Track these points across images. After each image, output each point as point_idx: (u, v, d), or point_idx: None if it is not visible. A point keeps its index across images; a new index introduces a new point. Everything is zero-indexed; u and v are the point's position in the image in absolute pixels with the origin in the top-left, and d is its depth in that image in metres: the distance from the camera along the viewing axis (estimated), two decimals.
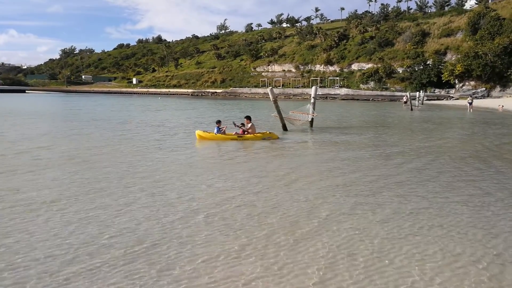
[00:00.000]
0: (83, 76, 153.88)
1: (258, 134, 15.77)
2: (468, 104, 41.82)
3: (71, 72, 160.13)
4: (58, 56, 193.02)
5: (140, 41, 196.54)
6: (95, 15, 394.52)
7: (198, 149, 14.29)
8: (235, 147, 14.28)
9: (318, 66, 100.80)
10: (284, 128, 19.42)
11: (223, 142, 15.23)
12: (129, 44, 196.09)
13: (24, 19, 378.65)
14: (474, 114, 36.23)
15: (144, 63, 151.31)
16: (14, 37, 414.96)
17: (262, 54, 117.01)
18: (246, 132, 15.74)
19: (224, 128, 16.07)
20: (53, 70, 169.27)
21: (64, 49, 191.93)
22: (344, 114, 35.73)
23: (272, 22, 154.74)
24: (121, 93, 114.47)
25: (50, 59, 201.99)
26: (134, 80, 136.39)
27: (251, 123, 16.03)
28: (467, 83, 72.31)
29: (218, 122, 16.26)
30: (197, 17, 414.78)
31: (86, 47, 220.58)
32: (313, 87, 22.92)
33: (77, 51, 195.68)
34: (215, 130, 15.85)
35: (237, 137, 15.60)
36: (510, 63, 66.52)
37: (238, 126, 16.04)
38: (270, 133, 16.16)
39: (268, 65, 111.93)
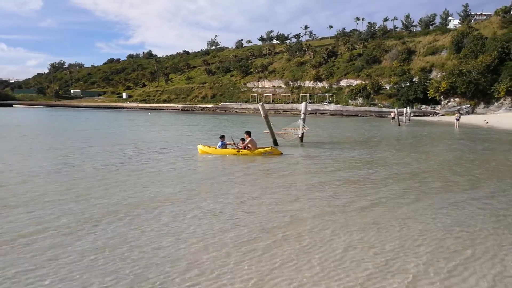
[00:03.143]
0: (72, 91, 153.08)
1: (259, 149, 15.98)
2: (456, 120, 42.68)
3: (59, 86, 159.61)
4: (47, 71, 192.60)
5: (130, 56, 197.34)
6: (86, 30, 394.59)
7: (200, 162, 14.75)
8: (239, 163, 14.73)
9: (307, 82, 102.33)
10: (275, 143, 19.92)
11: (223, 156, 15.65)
12: (119, 59, 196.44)
13: (15, 33, 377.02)
14: (463, 130, 37.04)
15: (134, 78, 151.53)
16: (4, 51, 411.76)
17: (252, 70, 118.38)
18: (246, 147, 15.98)
19: (227, 144, 16.42)
20: (42, 84, 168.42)
21: (53, 63, 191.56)
22: (334, 130, 36.47)
23: (262, 39, 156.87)
24: (110, 107, 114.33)
25: (38, 73, 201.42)
26: (124, 95, 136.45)
27: (250, 138, 16.27)
28: (452, 100, 74.15)
29: (222, 137, 16.70)
30: (189, 32, 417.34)
31: (76, 61, 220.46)
32: (303, 103, 23.41)
33: (66, 66, 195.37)
34: (218, 144, 16.28)
35: (236, 151, 15.85)
36: (493, 80, 68.57)
37: (235, 144, 16.36)
38: (272, 148, 16.42)
39: (258, 81, 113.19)
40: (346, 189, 9.79)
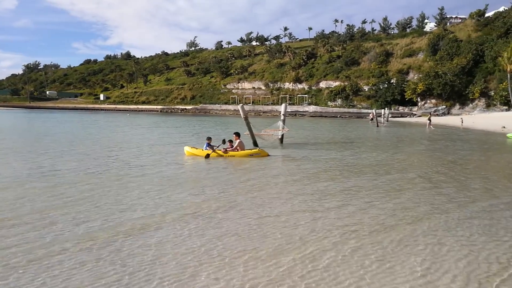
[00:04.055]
0: (47, 92, 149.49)
1: (246, 151, 15.70)
2: (428, 121, 43.28)
3: (34, 87, 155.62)
4: (21, 71, 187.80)
5: (108, 57, 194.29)
6: (62, 30, 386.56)
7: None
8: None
9: (287, 83, 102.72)
10: (255, 144, 19.67)
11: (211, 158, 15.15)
12: (96, 60, 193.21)
13: None
14: (442, 130, 37.53)
15: (112, 79, 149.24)
16: None
17: (232, 71, 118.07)
18: (236, 149, 15.66)
19: (213, 146, 15.89)
20: (16, 86, 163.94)
21: (28, 64, 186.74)
22: (316, 131, 36.48)
23: (242, 40, 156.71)
24: (87, 109, 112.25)
25: (12, 74, 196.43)
26: (102, 96, 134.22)
27: (239, 140, 15.99)
28: (428, 101, 75.58)
29: (209, 138, 16.29)
30: (169, 33, 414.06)
31: (51, 62, 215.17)
32: (283, 105, 23.27)
33: (41, 66, 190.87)
34: (204, 146, 15.87)
35: (223, 153, 15.48)
36: (468, 82, 70.22)
37: (224, 149, 15.83)
38: (259, 150, 16.16)
39: (238, 82, 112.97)
40: (353, 197, 8.81)
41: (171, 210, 7.52)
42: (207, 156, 15.05)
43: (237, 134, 16.28)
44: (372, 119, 54.00)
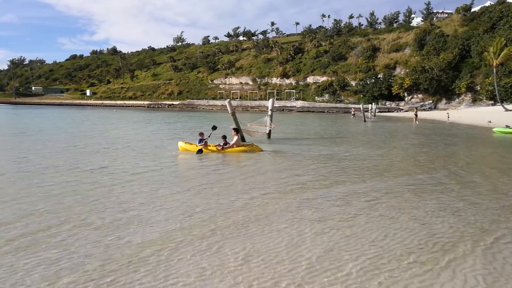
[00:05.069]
0: (33, 88, 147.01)
1: (240, 147, 15.57)
2: (414, 116, 43.49)
3: (20, 83, 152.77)
4: (6, 67, 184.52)
5: (94, 52, 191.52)
6: (48, 25, 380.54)
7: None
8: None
9: (274, 79, 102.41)
10: (242, 139, 19.40)
11: (204, 153, 14.89)
12: (82, 55, 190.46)
13: None
14: (431, 125, 37.63)
15: (99, 75, 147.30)
16: None
17: (219, 66, 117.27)
18: (234, 145, 15.47)
19: (206, 140, 15.64)
20: (1, 81, 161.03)
21: (13, 59, 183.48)
22: (305, 126, 36.20)
23: (229, 35, 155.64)
24: (73, 105, 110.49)
25: None
26: (88, 92, 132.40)
27: (237, 137, 15.75)
28: (415, 96, 75.90)
29: (201, 134, 16.05)
30: (156, 29, 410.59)
31: (37, 57, 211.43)
32: (270, 100, 23.07)
33: (27, 62, 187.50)
34: (197, 142, 15.62)
35: (217, 149, 15.30)
36: (454, 77, 70.61)
37: (220, 145, 15.59)
38: (253, 146, 15.97)
39: (226, 78, 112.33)
40: (378, 204, 7.79)
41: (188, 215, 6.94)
42: (199, 151, 14.78)
43: (236, 131, 16.13)
44: (353, 114, 54.70)
